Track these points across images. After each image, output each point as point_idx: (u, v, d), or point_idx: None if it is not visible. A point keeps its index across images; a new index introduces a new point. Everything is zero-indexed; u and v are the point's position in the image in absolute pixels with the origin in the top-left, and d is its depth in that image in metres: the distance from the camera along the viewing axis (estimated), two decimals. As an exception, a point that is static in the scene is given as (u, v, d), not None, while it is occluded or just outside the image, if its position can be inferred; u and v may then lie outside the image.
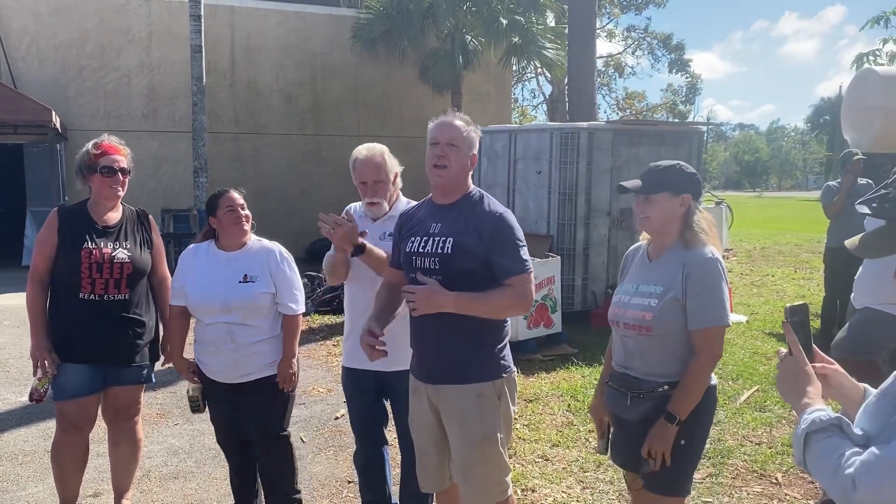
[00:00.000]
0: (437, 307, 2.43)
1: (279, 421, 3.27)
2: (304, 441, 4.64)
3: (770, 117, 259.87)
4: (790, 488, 3.94)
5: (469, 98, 14.77)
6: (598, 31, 18.80)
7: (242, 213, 3.16)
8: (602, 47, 37.97)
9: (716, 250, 2.48)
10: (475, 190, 2.65)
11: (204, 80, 11.61)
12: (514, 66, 17.39)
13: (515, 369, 2.72)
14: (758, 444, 4.51)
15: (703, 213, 2.57)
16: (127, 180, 3.31)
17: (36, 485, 3.98)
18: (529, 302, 2.56)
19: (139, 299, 3.31)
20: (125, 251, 3.23)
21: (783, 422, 4.87)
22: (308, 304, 3.21)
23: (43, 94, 11.92)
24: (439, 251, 2.52)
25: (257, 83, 14.04)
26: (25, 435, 4.73)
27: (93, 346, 3.19)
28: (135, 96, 13.20)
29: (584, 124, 8.21)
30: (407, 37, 13.67)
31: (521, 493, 3.83)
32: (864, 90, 5.75)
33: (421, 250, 2.57)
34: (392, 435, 3.32)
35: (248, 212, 3.20)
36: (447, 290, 2.42)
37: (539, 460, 4.30)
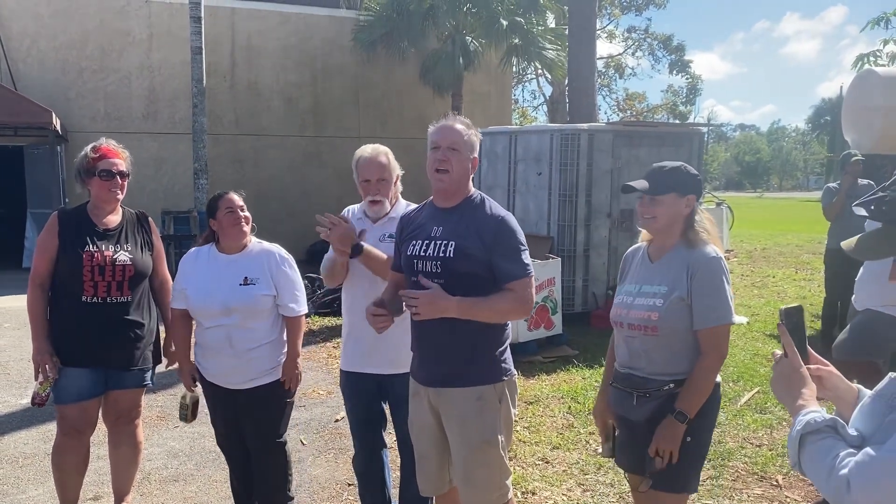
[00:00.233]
0: (440, 312, 2.43)
1: (276, 428, 3.27)
2: (303, 444, 4.64)
3: (771, 118, 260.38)
4: (791, 490, 3.93)
5: (469, 99, 14.77)
6: (598, 32, 18.81)
7: (242, 214, 3.16)
8: (602, 48, 37.95)
9: (718, 249, 2.50)
10: (476, 193, 2.65)
11: (204, 81, 11.61)
12: (514, 68, 17.39)
13: (516, 372, 2.71)
14: (758, 447, 4.50)
15: (705, 213, 2.59)
16: (126, 183, 3.32)
17: (36, 488, 3.98)
18: (530, 306, 2.57)
19: (141, 302, 3.32)
20: (126, 253, 3.24)
21: (784, 424, 4.86)
22: (308, 306, 3.21)
23: (43, 95, 11.92)
24: (441, 255, 2.52)
25: (258, 85, 14.04)
26: (26, 438, 4.73)
27: (95, 350, 3.19)
28: (135, 98, 13.19)
29: (584, 126, 8.20)
30: (407, 38, 13.67)
31: (521, 496, 3.83)
32: (865, 91, 5.73)
33: (422, 254, 2.56)
34: (391, 438, 3.32)
35: (247, 213, 3.20)
36: (450, 296, 2.42)
37: (539, 463, 4.29)
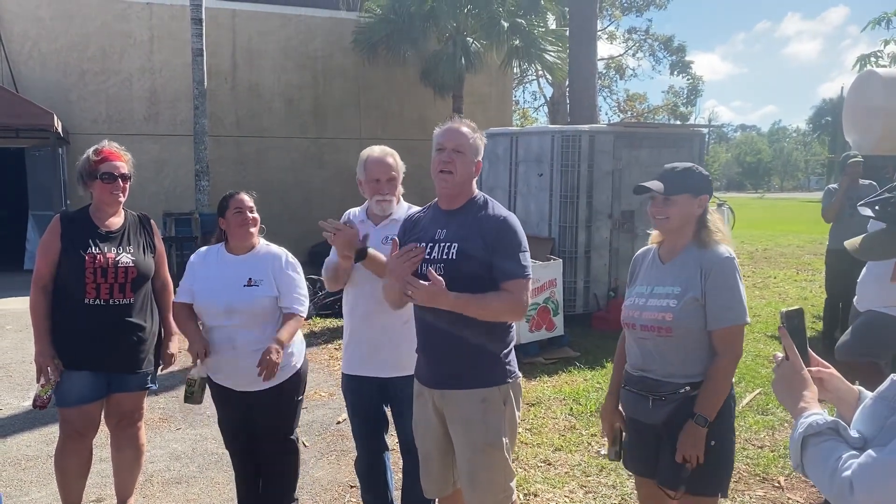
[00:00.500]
0: (435, 303, 2.46)
1: (287, 428, 3.29)
2: (306, 445, 4.64)
3: (772, 118, 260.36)
4: (792, 492, 3.93)
5: (470, 100, 14.77)
6: (598, 34, 18.79)
7: (250, 216, 3.18)
8: (603, 49, 38.04)
9: (730, 249, 2.50)
10: (480, 195, 2.66)
11: (205, 83, 11.64)
12: (515, 69, 17.39)
13: (521, 374, 2.72)
14: (760, 448, 4.50)
15: (715, 213, 2.59)
16: (128, 186, 3.33)
17: (39, 490, 3.99)
18: (524, 308, 2.55)
19: (143, 304, 3.32)
20: (129, 255, 3.25)
21: (785, 425, 4.86)
22: (310, 308, 3.23)
23: (45, 98, 11.94)
24: (444, 257, 2.53)
25: (258, 86, 14.05)
26: (28, 440, 4.73)
27: (98, 352, 3.19)
28: (136, 100, 13.21)
29: (585, 127, 8.20)
30: (408, 40, 13.67)
31: (523, 498, 3.83)
32: (866, 92, 5.72)
33: (426, 256, 2.57)
34: (393, 440, 3.32)
35: (256, 215, 3.21)
36: (449, 293, 2.43)
37: (541, 464, 4.29)
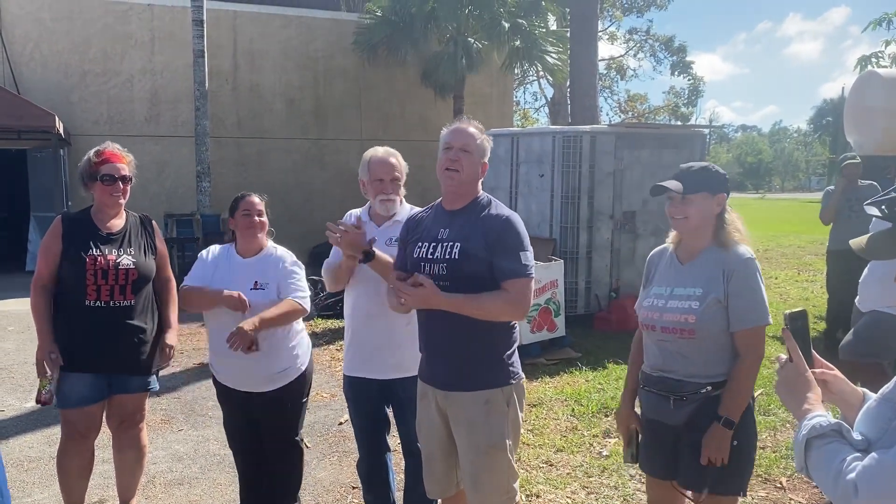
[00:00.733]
0: (429, 306, 2.47)
1: (293, 429, 3.29)
2: (307, 447, 4.63)
3: (773, 119, 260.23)
4: (795, 493, 3.92)
5: (471, 101, 14.76)
6: (599, 34, 18.79)
7: (257, 220, 3.17)
8: (604, 50, 38.06)
9: (750, 249, 2.49)
10: (483, 195, 2.66)
11: (206, 84, 11.64)
12: (516, 70, 17.38)
13: (524, 375, 2.71)
14: (762, 448, 4.49)
15: (734, 212, 2.56)
16: (129, 188, 3.32)
17: (41, 491, 3.99)
18: (526, 307, 2.54)
19: (143, 306, 3.32)
20: (130, 257, 3.25)
21: (787, 426, 4.85)
22: (311, 309, 3.24)
23: (46, 99, 11.95)
24: (447, 257, 2.53)
25: (260, 87, 14.06)
26: (31, 441, 4.73)
27: (99, 354, 3.19)
28: (137, 101, 13.22)
29: (586, 128, 8.21)
30: (409, 40, 13.67)
31: (525, 499, 3.83)
32: (867, 93, 5.73)
33: (429, 256, 2.57)
34: (395, 441, 3.32)
35: (265, 219, 3.21)
36: (441, 293, 2.44)
37: (543, 465, 4.29)
